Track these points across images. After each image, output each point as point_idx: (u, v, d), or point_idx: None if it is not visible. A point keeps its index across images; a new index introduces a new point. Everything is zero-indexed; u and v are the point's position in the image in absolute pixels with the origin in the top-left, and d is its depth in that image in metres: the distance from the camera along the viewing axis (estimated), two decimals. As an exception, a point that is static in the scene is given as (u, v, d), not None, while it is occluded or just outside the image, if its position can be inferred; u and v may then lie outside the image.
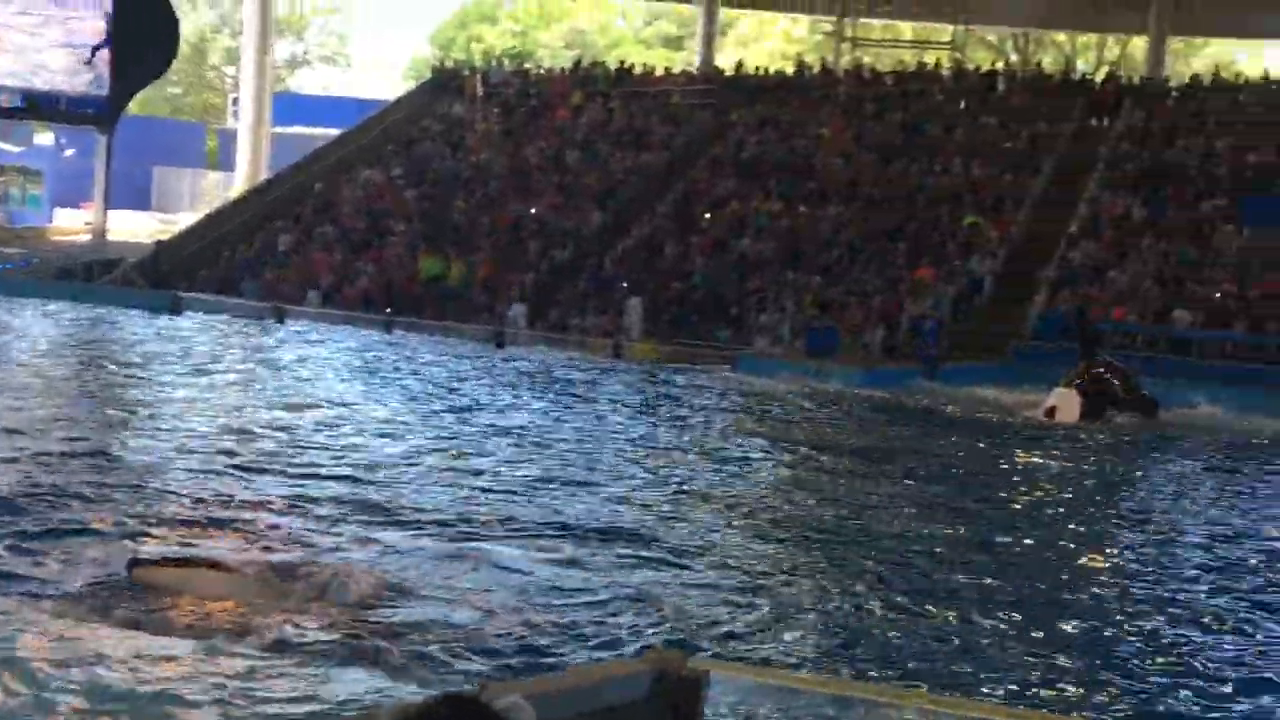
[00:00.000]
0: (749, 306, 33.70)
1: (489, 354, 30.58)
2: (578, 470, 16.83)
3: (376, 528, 12.99)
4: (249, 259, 39.30)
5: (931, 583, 12.11)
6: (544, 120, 44.68)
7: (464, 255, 37.86)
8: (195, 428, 18.06)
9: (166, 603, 9.62)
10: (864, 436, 21.78)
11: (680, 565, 12.27)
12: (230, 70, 79.37)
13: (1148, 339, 32.14)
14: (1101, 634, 10.85)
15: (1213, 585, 12.67)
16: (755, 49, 74.86)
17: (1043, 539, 14.55)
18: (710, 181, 40.23)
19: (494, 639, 9.87)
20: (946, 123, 41.14)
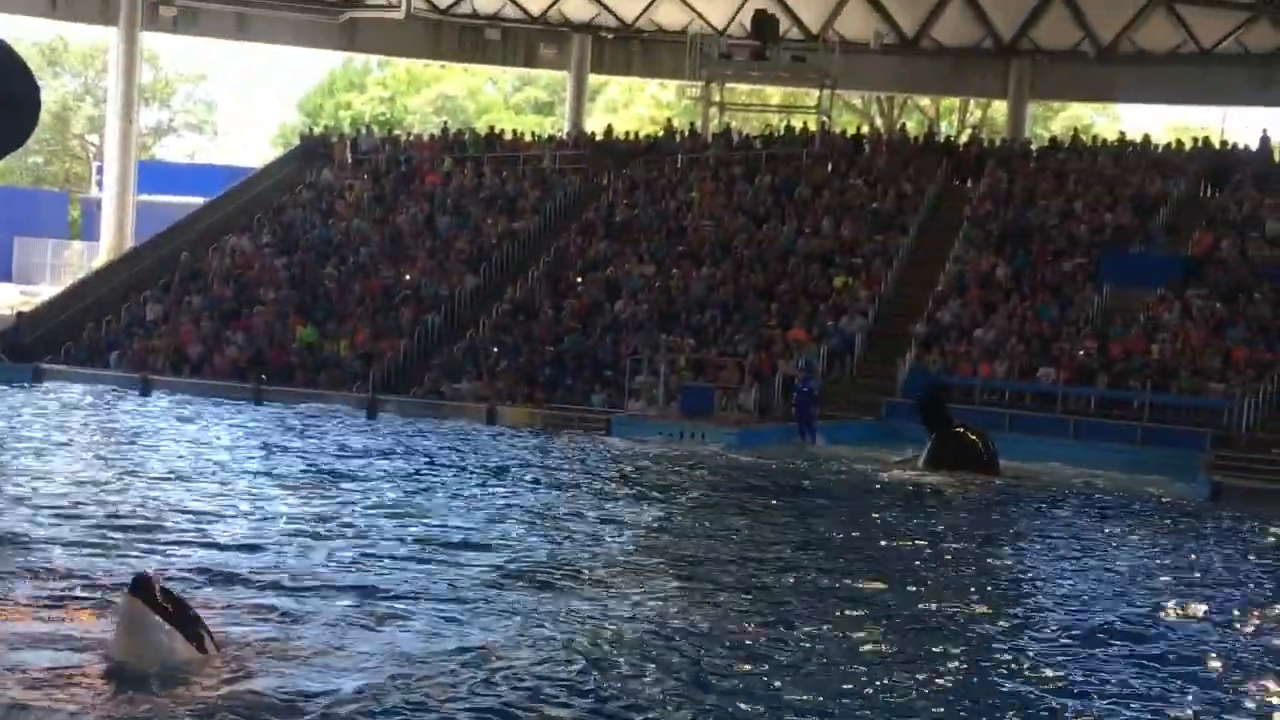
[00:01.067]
0: (623, 369, 33.73)
1: (361, 423, 30.25)
2: (448, 536, 16.67)
3: (245, 597, 12.75)
4: (116, 330, 38.56)
5: (803, 645, 12.13)
6: (414, 186, 44.54)
7: (337, 323, 37.50)
8: (50, 500, 17.62)
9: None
10: (735, 499, 21.80)
11: (544, 628, 12.17)
12: (94, 138, 78.27)
13: (1014, 395, 32.69)
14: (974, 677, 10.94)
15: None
16: (624, 114, 75.47)
17: (914, 593, 14.67)
18: (582, 245, 40.33)
19: (365, 706, 9.72)
20: (815, 184, 41.69)
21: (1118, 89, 52.51)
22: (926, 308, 35.75)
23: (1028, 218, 38.56)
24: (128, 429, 27.10)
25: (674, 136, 47.24)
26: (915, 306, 36.09)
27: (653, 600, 13.63)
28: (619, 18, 53.04)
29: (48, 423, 27.33)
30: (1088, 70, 50.26)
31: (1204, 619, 14.17)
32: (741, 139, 47.08)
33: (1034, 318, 34.50)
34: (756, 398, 32.36)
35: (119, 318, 39.14)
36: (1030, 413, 31.95)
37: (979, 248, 37.82)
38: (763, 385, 32.81)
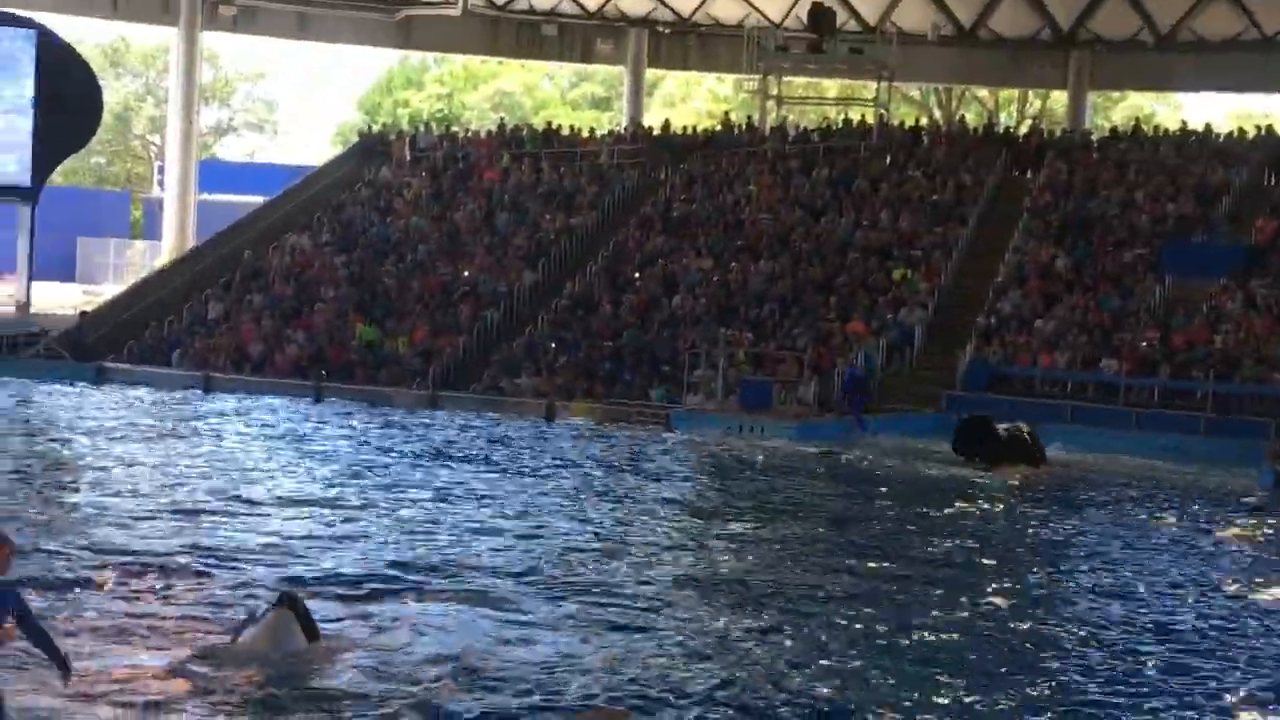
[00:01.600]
0: (682, 363, 33.70)
1: (422, 419, 30.35)
2: (514, 529, 16.75)
3: (314, 590, 12.88)
4: (178, 329, 38.91)
5: (871, 642, 12.11)
6: (472, 182, 44.68)
7: (396, 321, 37.68)
8: (115, 498, 17.83)
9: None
10: (796, 492, 21.77)
11: (615, 622, 12.21)
12: (155, 138, 79.00)
13: (1075, 386, 32.46)
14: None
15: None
16: (682, 108, 75.40)
17: (975, 588, 14.59)
18: (640, 239, 40.33)
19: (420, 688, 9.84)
20: (873, 177, 41.50)
21: (1178, 77, 52.01)
22: (986, 299, 35.54)
23: (1088, 208, 38.25)
24: (202, 428, 27.34)
25: (731, 130, 47.12)
26: (975, 298, 35.86)
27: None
28: (676, 12, 53.00)
29: (122, 421, 27.62)
30: (1147, 59, 49.81)
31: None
32: (799, 132, 46.91)
33: (1095, 308, 34.22)
34: (816, 391, 32.26)
35: (181, 317, 39.46)
36: (1092, 404, 31.70)
37: (1039, 239, 37.55)
38: (822, 378, 32.69)
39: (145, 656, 10.68)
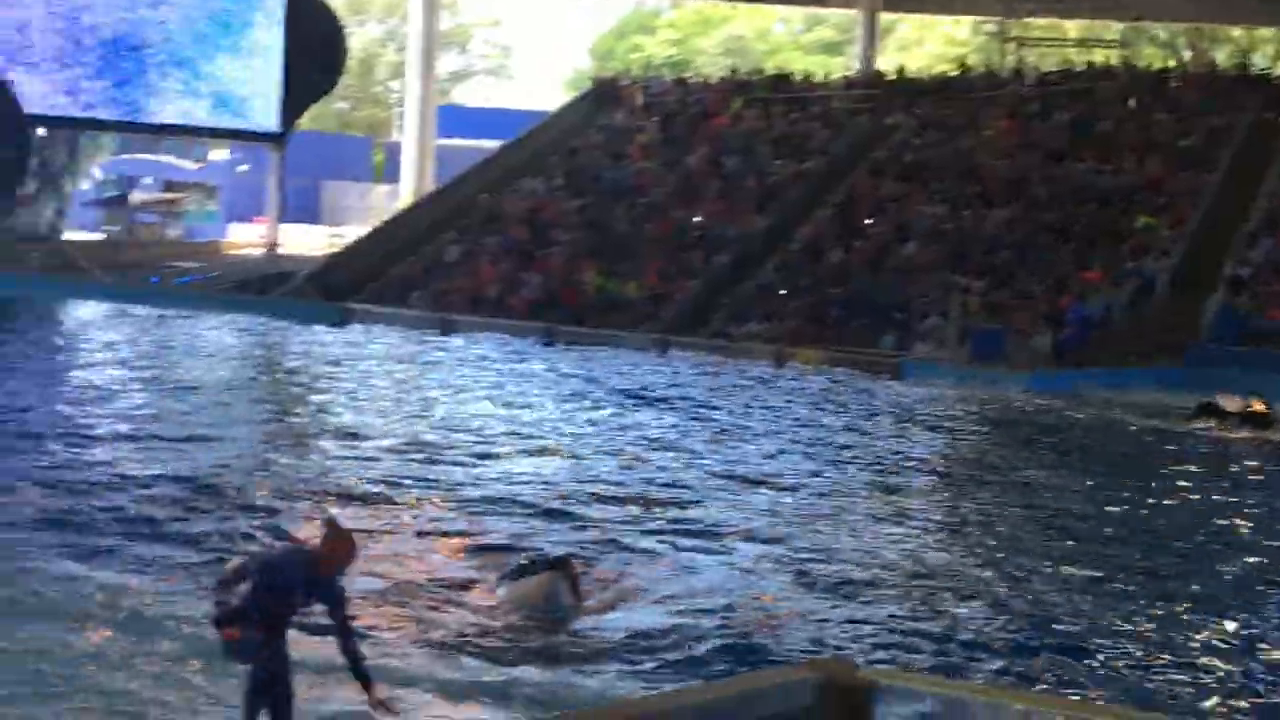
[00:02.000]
0: (913, 311, 33.31)
1: (654, 362, 30.58)
2: (748, 474, 16.84)
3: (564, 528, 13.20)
4: (417, 270, 39.91)
5: (1101, 600, 11.89)
6: (704, 128, 44.71)
7: (628, 264, 37.99)
8: (370, 436, 18.42)
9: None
10: (1029, 445, 21.39)
11: (845, 574, 12.21)
12: (396, 84, 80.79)
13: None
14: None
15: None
16: (917, 52, 74.14)
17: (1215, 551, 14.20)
18: (872, 185, 39.90)
19: (679, 642, 9.99)
20: (1116, 121, 40.27)
21: None
22: (1235, 247, 34.24)
23: (1347, 153, 36.56)
24: (445, 367, 28.05)
25: (967, 74, 46.20)
26: (1223, 246, 34.56)
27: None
28: (912, -47, 52.13)
29: (367, 360, 28.52)
30: None
31: None
32: (1039, 75, 45.74)
33: (1353, 259, 32.77)
34: (1050, 340, 31.56)
35: (420, 258, 40.47)
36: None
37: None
38: (1057, 328, 31.97)
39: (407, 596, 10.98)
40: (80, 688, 8.46)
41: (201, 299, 38.30)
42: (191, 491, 14.00)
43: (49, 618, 9.68)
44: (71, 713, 8.12)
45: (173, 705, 8.36)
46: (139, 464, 15.34)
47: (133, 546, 11.79)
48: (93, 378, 23.44)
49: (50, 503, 13.11)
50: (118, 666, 8.87)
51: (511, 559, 11.67)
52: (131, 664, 8.92)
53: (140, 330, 31.84)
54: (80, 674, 8.69)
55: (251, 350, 30.38)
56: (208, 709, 8.28)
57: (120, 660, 8.96)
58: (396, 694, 8.08)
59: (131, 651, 9.11)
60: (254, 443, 17.61)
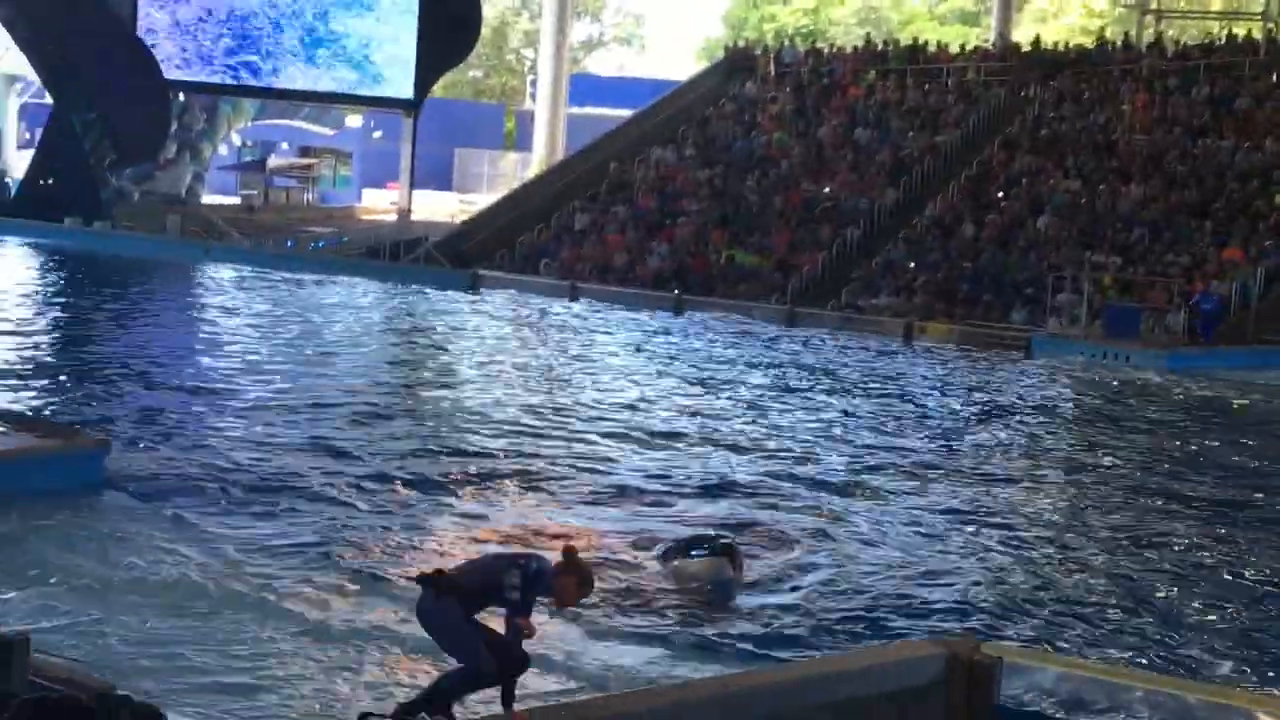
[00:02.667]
0: (1045, 287, 32.94)
1: (781, 335, 30.53)
2: (876, 448, 16.89)
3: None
4: (546, 238, 40.28)
5: (1229, 584, 11.82)
6: (836, 99, 44.49)
7: (759, 236, 38.00)
8: (503, 407, 18.71)
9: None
10: (1162, 427, 21.13)
11: (976, 551, 12.25)
12: (529, 52, 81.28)
13: None
14: None
15: None
16: (1054, 24, 72.98)
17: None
18: (1006, 159, 39.47)
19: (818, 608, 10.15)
20: (1258, 96, 39.40)
21: None
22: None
23: None
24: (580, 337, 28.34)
25: (1105, 46, 45.41)
26: (1366, 227, 33.75)
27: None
28: (1051, -77, 51.26)
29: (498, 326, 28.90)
30: None
31: None
32: (1179, 48, 44.84)
33: None
34: (1186, 319, 31.07)
35: (549, 226, 40.83)
36: None
37: None
38: (1192, 307, 31.46)
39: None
40: (187, 666, 8.50)
41: (335, 263, 39.00)
42: (326, 459, 14.31)
43: (159, 590, 9.81)
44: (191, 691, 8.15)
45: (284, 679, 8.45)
46: (265, 428, 15.72)
47: (250, 518, 11.96)
48: (225, 339, 24.03)
49: (179, 466, 13.40)
50: (228, 640, 8.95)
51: (675, 537, 11.76)
52: (240, 638, 9.02)
53: (277, 293, 32.51)
54: (182, 650, 8.78)
55: (383, 314, 30.90)
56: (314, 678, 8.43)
57: (228, 637, 9.04)
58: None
59: (237, 628, 9.20)
60: (388, 411, 17.93)
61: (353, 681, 8.35)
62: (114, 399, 16.81)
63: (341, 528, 11.63)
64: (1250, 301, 31.91)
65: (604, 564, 10.80)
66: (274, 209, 52.39)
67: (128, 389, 17.56)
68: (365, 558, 10.81)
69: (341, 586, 10.01)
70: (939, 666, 5.02)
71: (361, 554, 10.91)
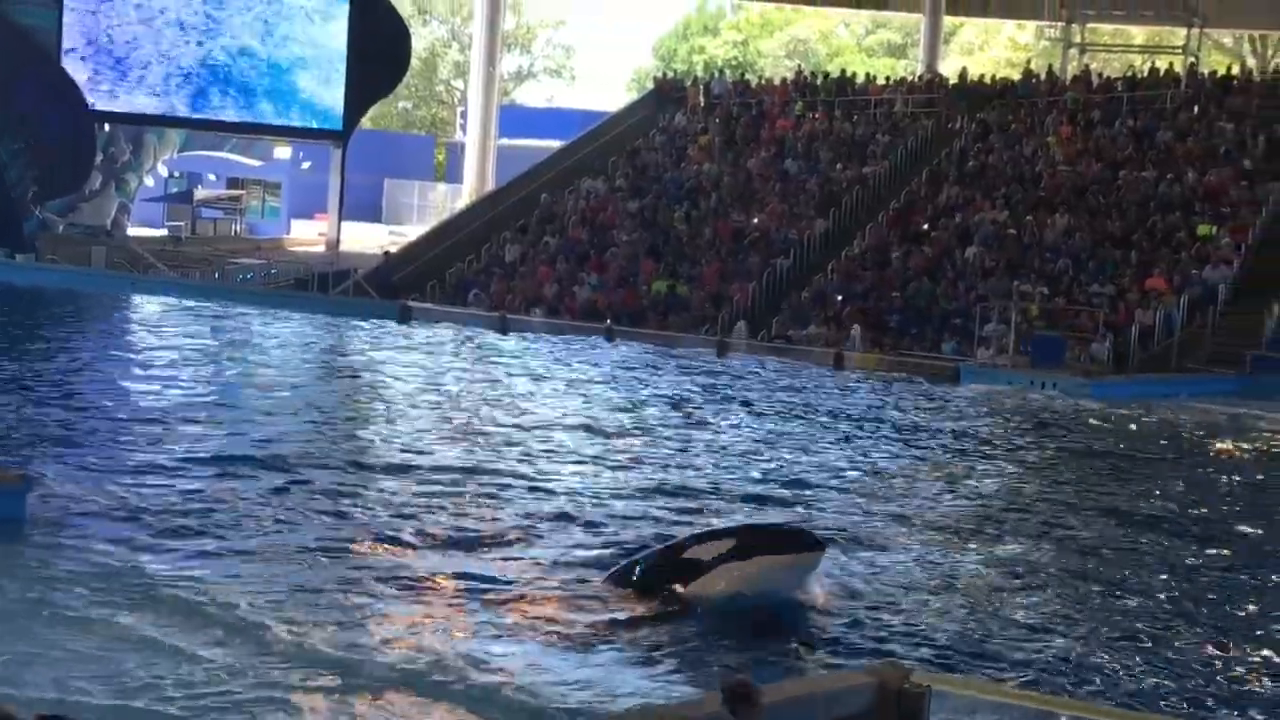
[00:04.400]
0: (973, 317, 33.23)
1: (712, 365, 30.62)
2: (800, 481, 16.90)
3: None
4: (476, 269, 40.17)
5: (1157, 610, 11.90)
6: (765, 130, 44.75)
7: (688, 266, 38.10)
8: (430, 439, 18.61)
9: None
10: (1087, 456, 21.32)
11: (901, 581, 12.27)
12: (459, 84, 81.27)
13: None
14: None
15: None
16: (980, 57, 73.88)
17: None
18: (933, 190, 39.83)
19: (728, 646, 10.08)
20: (1179, 129, 40.01)
21: None
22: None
23: None
24: (506, 369, 28.25)
25: (1031, 79, 46.00)
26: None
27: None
28: (976, -43, 51.90)
29: (429, 359, 28.76)
30: None
31: None
32: (1102, 81, 45.48)
33: None
34: (1110, 348, 31.44)
35: (479, 258, 40.73)
36: None
37: (1359, 195, 35.67)
38: (1118, 335, 31.85)
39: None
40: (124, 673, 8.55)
41: (263, 295, 38.69)
42: (251, 492, 14.18)
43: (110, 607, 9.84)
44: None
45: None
46: (190, 462, 15.54)
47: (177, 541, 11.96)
48: (151, 372, 23.76)
49: (102, 501, 13.27)
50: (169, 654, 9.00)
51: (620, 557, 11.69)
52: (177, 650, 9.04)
53: (202, 326, 32.21)
54: (129, 663, 8.81)
55: (310, 346, 30.68)
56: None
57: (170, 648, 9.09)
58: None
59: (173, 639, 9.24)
60: (316, 440, 17.80)
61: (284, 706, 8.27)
62: (36, 434, 16.56)
63: (268, 559, 11.51)
64: (1174, 330, 32.32)
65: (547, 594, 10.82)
66: (201, 241, 51.93)
67: (50, 424, 17.30)
68: (291, 585, 10.71)
69: (263, 621, 9.90)
70: (869, 696, 5.01)
71: (286, 579, 10.80)
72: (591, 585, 11.25)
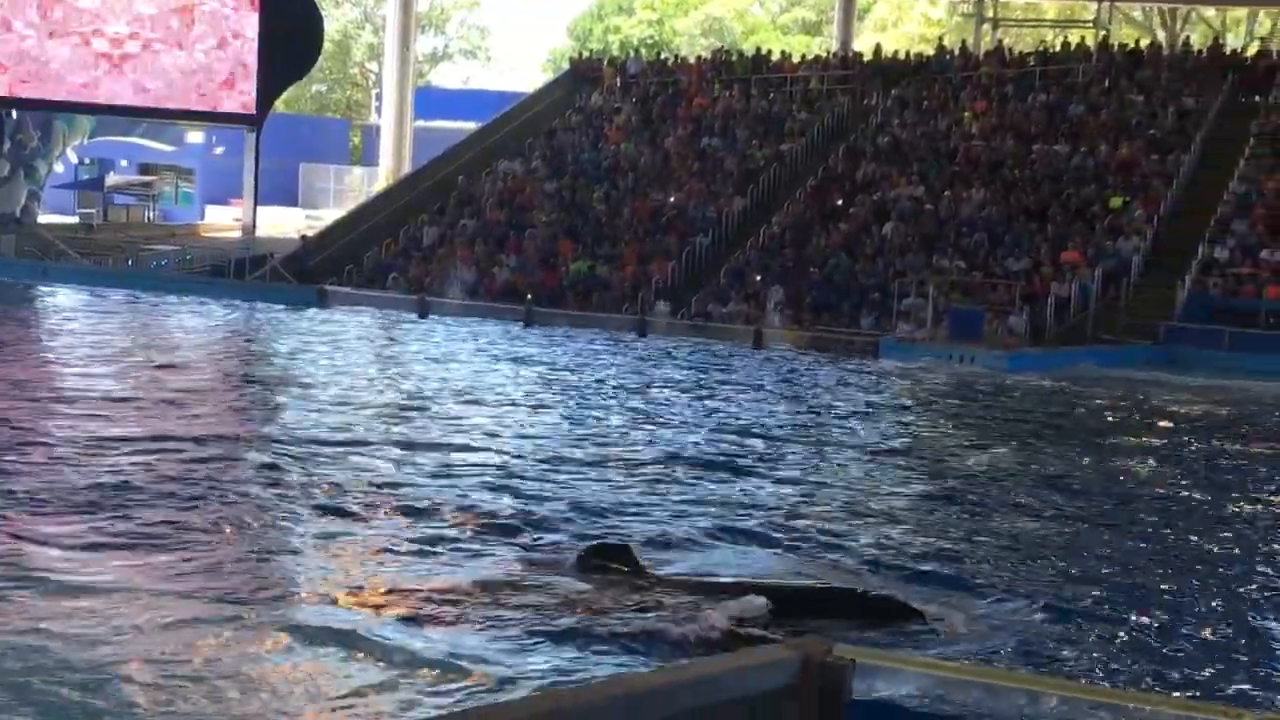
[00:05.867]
0: (891, 292, 33.46)
1: (632, 345, 30.62)
2: (728, 459, 16.90)
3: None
4: (394, 253, 39.91)
5: (1078, 580, 12.00)
6: (682, 109, 44.75)
7: (607, 246, 38.06)
8: (357, 419, 18.44)
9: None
10: (1008, 425, 21.51)
11: (823, 554, 12.28)
12: (373, 66, 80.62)
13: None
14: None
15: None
16: (894, 33, 74.24)
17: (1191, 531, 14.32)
18: (850, 166, 40.01)
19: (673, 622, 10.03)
20: (1091, 102, 40.44)
21: None
22: (1208, 229, 34.47)
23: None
24: (423, 350, 28.05)
25: (945, 55, 46.31)
26: (1197, 227, 34.81)
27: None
28: (889, -66, 52.11)
29: (346, 342, 28.52)
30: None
31: None
32: (1015, 56, 45.88)
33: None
34: (1027, 321, 31.76)
35: (397, 241, 40.46)
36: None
37: (1267, 166, 36.23)
38: (1034, 308, 32.17)
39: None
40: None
41: (178, 282, 38.25)
42: (170, 482, 13.97)
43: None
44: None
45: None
46: (103, 453, 15.30)
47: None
48: (64, 361, 23.38)
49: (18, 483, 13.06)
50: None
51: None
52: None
53: (118, 313, 31.77)
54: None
55: (226, 332, 30.34)
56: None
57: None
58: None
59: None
60: (232, 427, 17.59)
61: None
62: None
63: (181, 548, 11.32)
64: (1089, 302, 32.70)
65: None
66: (114, 228, 51.25)
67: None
68: (213, 582, 10.54)
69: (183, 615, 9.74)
70: (793, 670, 4.97)
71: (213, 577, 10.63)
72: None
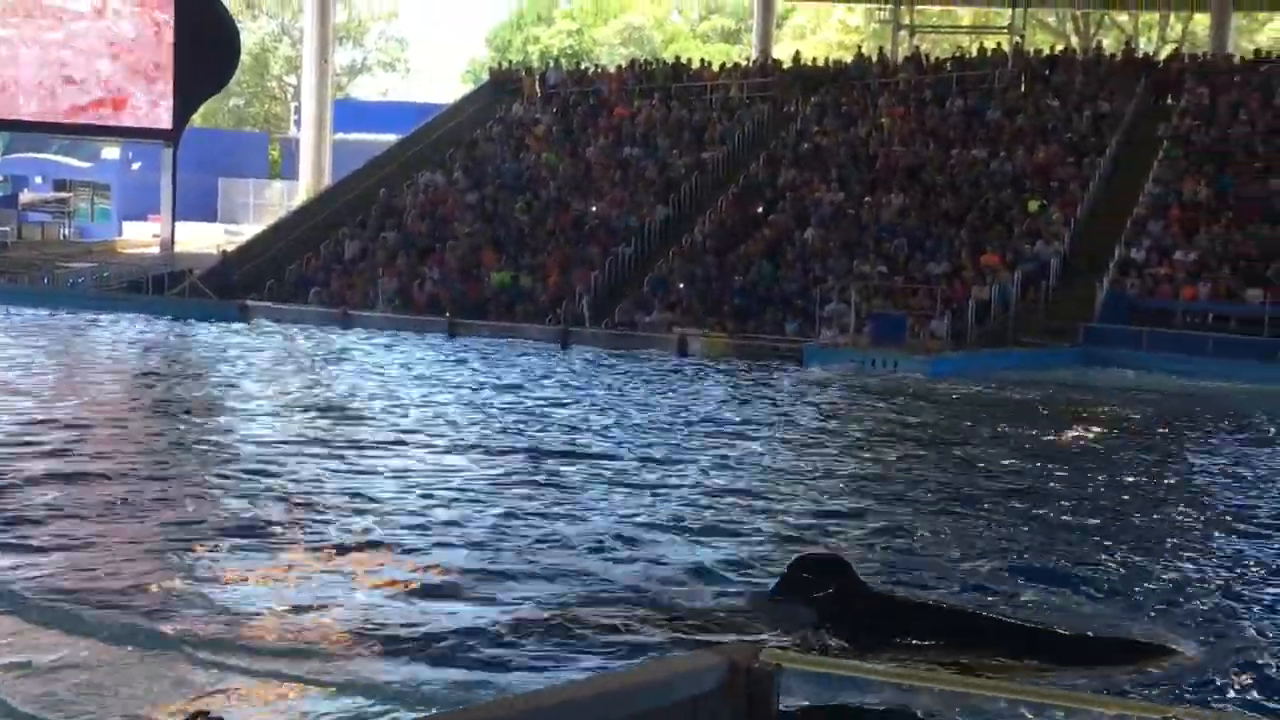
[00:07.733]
0: (814, 298, 33.62)
1: (555, 355, 30.59)
2: (647, 466, 16.88)
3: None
4: (316, 267, 39.61)
5: (1009, 579, 12.07)
6: (603, 119, 44.76)
7: (529, 257, 37.98)
8: (269, 435, 18.26)
9: None
10: (929, 428, 21.65)
11: (744, 564, 12.29)
12: (291, 79, 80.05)
13: (1218, 318, 31.83)
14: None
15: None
16: (812, 40, 74.65)
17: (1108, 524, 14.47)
18: (771, 173, 40.17)
19: (574, 630, 9.96)
20: (1008, 107, 40.85)
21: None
22: (1125, 231, 34.90)
23: (1232, 136, 37.31)
24: (347, 365, 27.86)
25: (863, 62, 46.63)
26: (1113, 229, 35.23)
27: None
28: (805, -58, 52.40)
29: (266, 357, 28.24)
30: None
31: None
32: (931, 62, 46.28)
33: (1240, 239, 33.46)
34: (949, 325, 32.00)
35: (318, 255, 40.17)
36: (1235, 335, 31.05)
37: (1180, 168, 36.75)
38: (955, 312, 32.43)
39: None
40: None
41: (95, 299, 37.78)
42: (93, 502, 13.77)
43: None
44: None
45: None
46: (18, 471, 15.08)
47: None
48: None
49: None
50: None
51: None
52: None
53: (31, 332, 31.30)
54: None
55: (144, 348, 29.98)
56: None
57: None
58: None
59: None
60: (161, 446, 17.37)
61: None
62: None
63: (102, 566, 11.16)
64: (1009, 305, 33.00)
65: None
66: (28, 245, 50.48)
67: None
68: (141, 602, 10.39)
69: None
70: (720, 675, 4.96)
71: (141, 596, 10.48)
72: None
